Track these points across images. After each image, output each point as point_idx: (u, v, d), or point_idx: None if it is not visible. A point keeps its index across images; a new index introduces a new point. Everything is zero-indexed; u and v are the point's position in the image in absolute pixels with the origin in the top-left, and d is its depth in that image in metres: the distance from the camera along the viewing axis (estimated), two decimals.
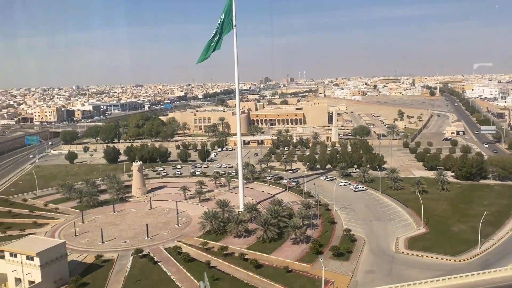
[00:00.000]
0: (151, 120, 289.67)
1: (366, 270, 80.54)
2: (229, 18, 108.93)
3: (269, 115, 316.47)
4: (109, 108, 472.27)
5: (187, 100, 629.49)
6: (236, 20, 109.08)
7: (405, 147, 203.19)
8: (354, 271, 79.56)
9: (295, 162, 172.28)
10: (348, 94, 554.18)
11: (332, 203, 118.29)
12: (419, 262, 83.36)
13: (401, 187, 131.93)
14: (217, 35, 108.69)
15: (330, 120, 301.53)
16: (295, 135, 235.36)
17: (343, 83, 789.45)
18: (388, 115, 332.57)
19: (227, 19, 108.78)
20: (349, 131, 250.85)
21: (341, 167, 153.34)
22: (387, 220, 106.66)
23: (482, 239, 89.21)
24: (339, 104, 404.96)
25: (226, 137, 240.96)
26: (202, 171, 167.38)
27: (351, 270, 79.88)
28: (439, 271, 77.17)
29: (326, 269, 74.80)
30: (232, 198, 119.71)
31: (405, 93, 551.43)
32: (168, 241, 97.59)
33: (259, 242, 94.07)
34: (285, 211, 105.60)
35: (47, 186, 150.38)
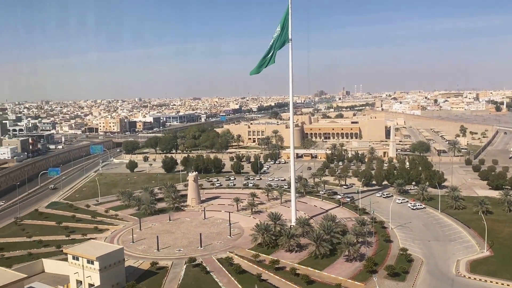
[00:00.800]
0: (207, 131, 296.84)
1: None
2: (285, 31, 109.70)
3: (324, 128, 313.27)
4: (168, 120, 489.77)
5: (241, 112, 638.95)
6: (292, 33, 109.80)
7: (468, 165, 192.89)
8: None
9: (350, 177, 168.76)
10: (406, 108, 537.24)
11: (388, 221, 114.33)
12: (482, 287, 78.21)
13: (462, 207, 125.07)
14: (272, 48, 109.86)
15: (387, 134, 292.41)
16: (350, 150, 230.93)
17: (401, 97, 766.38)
18: (449, 130, 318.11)
19: (283, 32, 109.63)
20: (407, 147, 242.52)
21: (398, 184, 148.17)
22: (447, 241, 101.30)
23: None
24: (397, 119, 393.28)
25: (279, 150, 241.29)
26: (254, 183, 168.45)
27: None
28: None
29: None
30: (284, 211, 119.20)
31: (468, 108, 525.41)
32: (220, 251, 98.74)
33: (311, 257, 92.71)
34: (339, 227, 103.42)
35: (108, 193, 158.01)
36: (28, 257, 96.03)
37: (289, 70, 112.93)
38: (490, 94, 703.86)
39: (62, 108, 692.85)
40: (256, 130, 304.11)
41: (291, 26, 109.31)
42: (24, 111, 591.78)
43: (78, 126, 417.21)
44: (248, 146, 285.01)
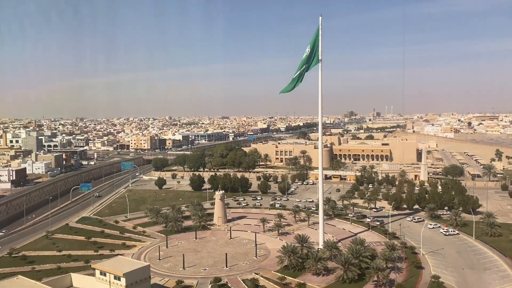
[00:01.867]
0: (234, 150, 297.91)
1: None
2: (315, 52, 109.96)
3: (353, 149, 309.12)
4: (196, 138, 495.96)
5: (269, 132, 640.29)
6: (322, 53, 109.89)
7: (504, 190, 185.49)
8: None
9: (380, 200, 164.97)
10: (439, 130, 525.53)
11: (419, 246, 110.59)
12: None
13: (498, 234, 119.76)
14: (301, 69, 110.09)
15: (419, 157, 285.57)
16: (380, 172, 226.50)
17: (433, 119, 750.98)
18: (483, 154, 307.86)
19: (313, 53, 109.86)
20: (439, 170, 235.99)
21: (430, 208, 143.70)
22: (482, 269, 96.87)
23: None
24: (429, 141, 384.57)
25: (307, 170, 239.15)
26: (281, 204, 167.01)
27: None
28: None
29: None
30: (311, 233, 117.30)
31: (504, 131, 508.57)
32: (245, 272, 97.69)
33: (339, 281, 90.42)
34: (367, 251, 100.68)
35: (137, 210, 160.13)
36: (57, 271, 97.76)
37: (319, 90, 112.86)
38: None
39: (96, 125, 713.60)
40: (284, 150, 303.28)
41: (321, 47, 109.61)
42: (59, 128, 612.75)
43: (110, 143, 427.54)
44: (275, 166, 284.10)
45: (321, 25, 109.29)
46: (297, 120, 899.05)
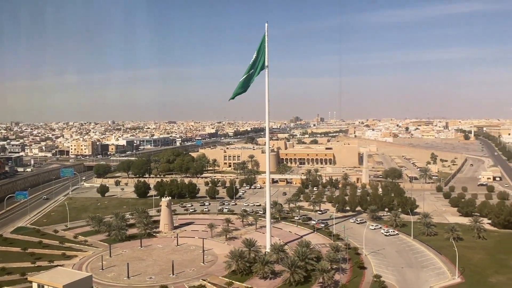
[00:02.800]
0: (181, 156, 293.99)
1: None
2: (262, 58, 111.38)
3: (299, 154, 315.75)
4: (142, 143, 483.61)
5: (217, 137, 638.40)
6: (268, 60, 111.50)
7: (439, 192, 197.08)
8: None
9: (324, 202, 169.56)
10: (379, 135, 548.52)
11: (362, 247, 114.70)
12: None
13: (434, 233, 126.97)
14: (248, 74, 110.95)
15: (361, 161, 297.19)
16: (324, 175, 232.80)
17: (374, 124, 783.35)
18: (420, 158, 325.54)
19: (259, 59, 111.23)
20: (380, 173, 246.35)
21: (371, 210, 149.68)
22: (420, 268, 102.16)
23: None
24: (370, 145, 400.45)
25: (255, 175, 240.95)
26: (229, 209, 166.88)
27: None
28: None
29: None
30: (259, 237, 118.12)
31: (438, 136, 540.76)
32: (193, 279, 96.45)
33: (285, 284, 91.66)
34: (313, 253, 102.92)
35: (78, 218, 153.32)
36: None
37: (266, 96, 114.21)
38: (459, 123, 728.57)
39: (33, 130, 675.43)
40: (232, 154, 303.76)
41: (268, 53, 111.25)
42: None
43: (48, 148, 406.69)
44: (223, 171, 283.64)
45: (267, 32, 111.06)
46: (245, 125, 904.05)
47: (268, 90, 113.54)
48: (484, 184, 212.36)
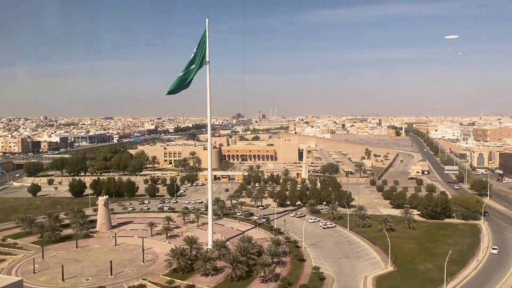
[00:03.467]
0: (119, 153, 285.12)
1: None
2: (203, 53, 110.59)
3: (241, 150, 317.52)
4: (76, 140, 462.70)
5: (157, 133, 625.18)
6: (209, 56, 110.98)
7: (372, 185, 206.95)
8: None
9: (266, 198, 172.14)
10: (317, 132, 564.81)
11: (301, 240, 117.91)
12: None
13: (368, 225, 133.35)
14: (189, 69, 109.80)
15: (301, 156, 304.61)
16: (266, 171, 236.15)
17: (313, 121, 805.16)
18: (355, 153, 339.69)
19: (200, 54, 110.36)
20: (318, 168, 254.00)
21: (310, 204, 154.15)
22: (356, 258, 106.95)
23: (448, 278, 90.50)
24: (309, 142, 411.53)
25: (196, 172, 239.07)
26: (170, 207, 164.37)
27: None
28: None
29: None
30: (201, 234, 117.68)
31: (372, 133, 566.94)
32: (132, 279, 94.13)
33: (227, 280, 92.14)
34: (255, 248, 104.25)
35: (6, 220, 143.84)
36: None
37: (207, 92, 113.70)
38: (391, 120, 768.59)
39: None
40: (173, 151, 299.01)
41: (209, 49, 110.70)
42: None
43: None
44: (164, 168, 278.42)
45: (208, 27, 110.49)
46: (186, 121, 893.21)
47: (210, 86, 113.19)
48: (413, 178, 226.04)
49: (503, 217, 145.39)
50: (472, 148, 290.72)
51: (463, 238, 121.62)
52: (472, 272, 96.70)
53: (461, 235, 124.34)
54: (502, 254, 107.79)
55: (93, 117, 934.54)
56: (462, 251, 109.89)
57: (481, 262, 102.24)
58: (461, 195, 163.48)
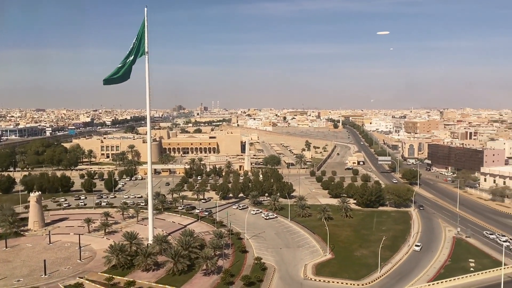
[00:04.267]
0: (52, 147, 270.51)
1: None
2: (141, 44, 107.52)
3: (182, 143, 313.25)
4: (4, 133, 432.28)
5: (93, 126, 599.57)
6: (149, 46, 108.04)
7: (312, 176, 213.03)
8: None
9: (208, 191, 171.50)
10: (260, 124, 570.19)
11: (244, 232, 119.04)
12: (326, 287, 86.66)
13: (308, 214, 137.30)
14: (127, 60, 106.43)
15: (243, 149, 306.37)
16: (208, 164, 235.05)
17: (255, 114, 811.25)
18: (296, 145, 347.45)
19: (138, 44, 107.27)
20: (260, 160, 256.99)
21: (253, 196, 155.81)
22: (296, 247, 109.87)
23: (382, 263, 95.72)
24: (252, 134, 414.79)
25: (135, 165, 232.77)
26: (108, 202, 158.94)
27: None
28: None
29: None
30: (141, 230, 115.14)
31: (312, 125, 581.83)
32: (68, 277, 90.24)
33: (169, 275, 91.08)
34: (197, 241, 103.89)
35: None
36: None
37: (146, 83, 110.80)
38: (329, 113, 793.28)
39: None
40: (110, 145, 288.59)
41: (148, 39, 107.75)
42: None
43: None
44: (101, 162, 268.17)
45: (147, 16, 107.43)
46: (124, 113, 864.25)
47: (149, 77, 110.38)
48: (350, 168, 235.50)
49: (431, 204, 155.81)
50: (404, 139, 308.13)
51: (395, 224, 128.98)
52: (404, 256, 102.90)
53: (394, 222, 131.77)
54: (430, 238, 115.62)
55: (23, 109, 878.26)
56: (395, 237, 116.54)
57: (412, 247, 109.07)
58: (394, 184, 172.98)
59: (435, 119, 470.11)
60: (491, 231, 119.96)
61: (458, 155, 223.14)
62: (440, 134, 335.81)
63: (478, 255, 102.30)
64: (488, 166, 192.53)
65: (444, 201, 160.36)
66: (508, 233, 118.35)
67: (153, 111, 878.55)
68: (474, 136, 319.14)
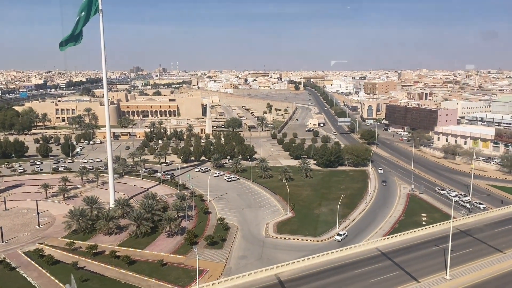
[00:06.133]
0: (3, 110, 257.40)
1: (239, 256, 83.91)
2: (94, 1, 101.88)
3: (141, 106, 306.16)
4: None
5: (47, 88, 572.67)
6: (102, 3, 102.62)
7: (273, 138, 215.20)
8: (227, 258, 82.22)
9: (170, 154, 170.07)
10: (220, 87, 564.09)
11: (206, 194, 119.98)
12: (286, 244, 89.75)
13: (270, 176, 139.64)
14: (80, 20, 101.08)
15: (204, 112, 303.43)
16: (169, 127, 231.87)
17: (216, 76, 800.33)
18: (258, 108, 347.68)
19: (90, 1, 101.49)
20: (222, 123, 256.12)
21: (215, 159, 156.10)
22: (258, 207, 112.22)
23: (340, 220, 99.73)
24: (213, 97, 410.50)
25: (93, 129, 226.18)
26: (66, 167, 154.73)
27: (225, 258, 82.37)
28: (304, 252, 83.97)
29: (201, 259, 75.76)
30: (101, 194, 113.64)
31: (273, 87, 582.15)
32: (27, 244, 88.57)
33: (132, 237, 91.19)
34: (160, 204, 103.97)
35: None
36: None
37: (101, 43, 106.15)
38: (291, 75, 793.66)
39: None
40: (66, 108, 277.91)
41: None
42: None
43: None
44: (56, 126, 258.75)
45: None
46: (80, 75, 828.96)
47: (104, 37, 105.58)
48: (311, 130, 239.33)
49: (388, 163, 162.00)
50: (363, 100, 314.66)
51: (353, 183, 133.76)
52: (360, 213, 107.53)
53: (352, 181, 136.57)
54: (386, 195, 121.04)
55: None
56: (352, 195, 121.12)
57: (368, 204, 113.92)
58: (352, 145, 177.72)
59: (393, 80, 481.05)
60: (442, 187, 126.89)
61: (414, 115, 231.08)
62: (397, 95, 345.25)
63: (430, 209, 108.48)
64: (442, 126, 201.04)
65: (400, 160, 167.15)
66: (458, 189, 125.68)
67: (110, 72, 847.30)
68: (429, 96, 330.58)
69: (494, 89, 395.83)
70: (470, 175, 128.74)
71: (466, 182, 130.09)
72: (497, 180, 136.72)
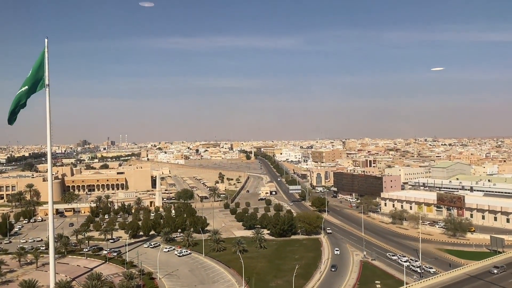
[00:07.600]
0: None
1: None
2: (40, 75, 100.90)
3: (87, 180, 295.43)
4: None
5: None
6: (49, 78, 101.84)
7: (226, 208, 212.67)
8: None
9: (117, 230, 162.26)
10: (171, 158, 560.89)
11: (156, 271, 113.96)
12: None
13: (223, 248, 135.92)
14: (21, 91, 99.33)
15: (154, 184, 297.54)
16: (116, 201, 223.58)
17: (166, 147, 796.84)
18: (210, 178, 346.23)
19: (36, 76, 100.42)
20: (173, 195, 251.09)
21: (165, 233, 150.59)
22: (211, 283, 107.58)
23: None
24: (163, 168, 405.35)
25: (34, 206, 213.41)
26: (2, 248, 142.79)
27: None
28: None
29: None
30: (41, 277, 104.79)
31: (225, 157, 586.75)
32: None
33: None
34: (105, 285, 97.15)
35: None
36: None
37: (47, 118, 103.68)
38: (242, 145, 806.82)
39: None
40: (5, 184, 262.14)
41: (49, 71, 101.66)
42: None
43: None
44: None
45: (48, 47, 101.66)
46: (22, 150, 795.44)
47: (50, 111, 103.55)
48: (263, 199, 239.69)
49: (339, 230, 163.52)
50: (312, 169, 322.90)
51: (307, 252, 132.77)
52: (316, 283, 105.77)
53: (306, 250, 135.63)
54: (339, 263, 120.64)
55: None
56: (307, 264, 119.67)
57: (323, 273, 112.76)
58: (304, 213, 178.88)
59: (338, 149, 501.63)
60: (393, 253, 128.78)
61: (360, 182, 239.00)
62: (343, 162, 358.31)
63: (383, 276, 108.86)
64: (387, 191, 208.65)
65: (351, 226, 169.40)
66: (408, 254, 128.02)
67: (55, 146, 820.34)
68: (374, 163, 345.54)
69: (432, 155, 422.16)
70: (418, 239, 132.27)
71: (415, 246, 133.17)
72: (443, 243, 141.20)
